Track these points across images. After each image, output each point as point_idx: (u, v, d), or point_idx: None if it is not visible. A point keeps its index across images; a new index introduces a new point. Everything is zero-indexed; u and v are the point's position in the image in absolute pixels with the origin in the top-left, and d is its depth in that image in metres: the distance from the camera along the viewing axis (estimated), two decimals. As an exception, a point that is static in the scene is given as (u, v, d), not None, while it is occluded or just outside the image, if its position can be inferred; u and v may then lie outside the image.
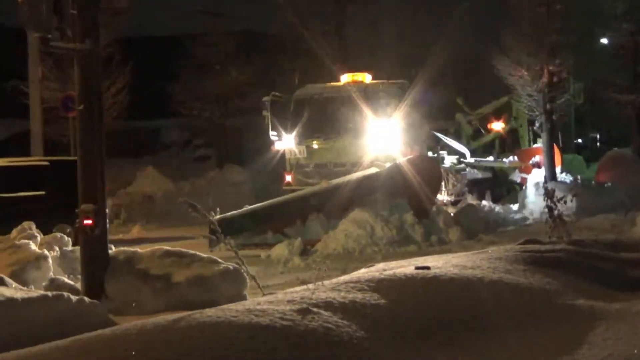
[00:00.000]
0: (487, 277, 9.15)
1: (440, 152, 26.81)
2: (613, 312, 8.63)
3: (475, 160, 28.70)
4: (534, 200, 24.34)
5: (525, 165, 30.02)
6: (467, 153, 28.71)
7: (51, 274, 13.21)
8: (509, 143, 32.45)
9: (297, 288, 9.19)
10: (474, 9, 40.45)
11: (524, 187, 27.80)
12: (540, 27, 27.02)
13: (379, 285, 8.35)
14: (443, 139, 28.09)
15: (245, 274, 11.77)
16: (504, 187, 30.17)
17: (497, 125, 30.87)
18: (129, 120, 32.32)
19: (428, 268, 9.27)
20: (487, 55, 29.01)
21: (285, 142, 23.10)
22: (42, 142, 27.83)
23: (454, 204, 25.38)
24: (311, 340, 6.64)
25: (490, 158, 29.93)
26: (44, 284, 12.38)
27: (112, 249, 12.83)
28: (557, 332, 8.07)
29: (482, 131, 31.72)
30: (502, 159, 30.39)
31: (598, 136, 66.94)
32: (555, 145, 29.34)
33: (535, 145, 31.10)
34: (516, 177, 29.94)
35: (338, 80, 24.46)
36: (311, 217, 19.65)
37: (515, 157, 30.31)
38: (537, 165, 29.74)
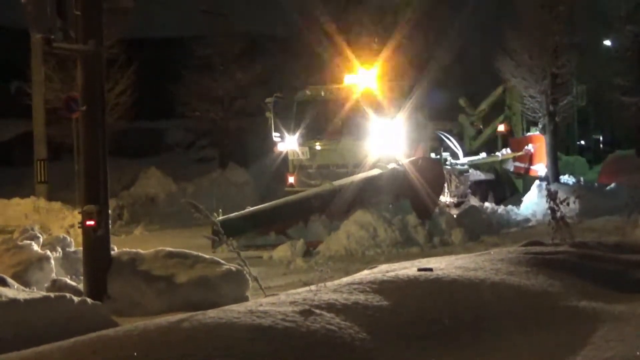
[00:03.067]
0: (490, 278, 9.15)
1: (443, 153, 26.75)
2: (616, 314, 8.62)
3: (469, 160, 28.58)
4: (536, 201, 24.32)
5: (519, 154, 29.85)
6: (461, 154, 28.65)
7: (53, 275, 13.23)
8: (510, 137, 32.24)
9: (300, 289, 9.20)
10: (477, 10, 40.43)
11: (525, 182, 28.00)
12: (543, 29, 27.01)
13: (382, 286, 8.35)
14: (444, 139, 28.06)
15: (247, 275, 11.80)
16: (507, 189, 30.08)
17: (500, 127, 30.73)
18: (132, 121, 32.33)
19: (431, 269, 9.27)
20: (490, 56, 28.99)
21: (287, 143, 23.09)
22: (45, 143, 27.91)
23: (456, 205, 25.33)
24: (313, 341, 6.64)
25: (484, 154, 29.71)
26: (46, 285, 12.39)
27: (115, 250, 12.83)
28: (560, 334, 8.07)
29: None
30: (496, 152, 30.15)
31: (601, 138, 66.94)
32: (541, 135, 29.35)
33: (528, 134, 30.89)
34: (509, 166, 29.83)
35: (341, 82, 24.45)
36: (313, 218, 19.63)
37: (508, 150, 30.09)
38: (529, 158, 29.63)
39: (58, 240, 15.22)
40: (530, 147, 29.69)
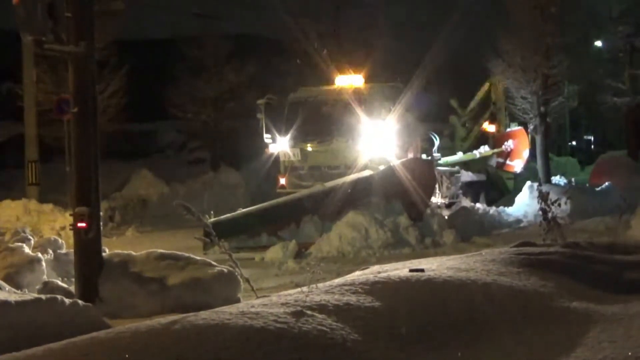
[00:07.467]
0: (481, 279, 9.15)
1: (435, 154, 26.74)
2: (608, 315, 8.63)
3: (444, 160, 28.38)
4: (528, 202, 24.35)
5: (497, 150, 29.78)
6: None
7: (45, 277, 13.20)
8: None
9: (291, 291, 9.19)
10: (469, 11, 40.49)
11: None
12: (535, 30, 27.07)
13: (373, 287, 8.34)
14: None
15: (239, 277, 11.78)
16: (498, 190, 30.08)
17: (491, 128, 30.67)
18: (124, 122, 32.31)
19: (422, 270, 9.27)
20: (482, 57, 29.02)
21: (279, 144, 23.07)
22: (37, 144, 27.85)
23: (448, 206, 25.34)
24: (305, 343, 6.64)
25: (460, 154, 29.44)
26: (37, 287, 12.36)
27: (106, 252, 12.81)
28: (551, 335, 8.07)
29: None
30: (474, 150, 29.91)
31: (592, 139, 67.14)
32: (523, 129, 29.38)
33: (508, 130, 30.80)
34: (492, 162, 29.77)
35: (332, 83, 24.46)
36: (305, 219, 19.64)
37: (487, 147, 29.88)
38: (507, 154, 29.64)
39: (49, 242, 15.20)
40: (510, 143, 29.65)
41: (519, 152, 29.36)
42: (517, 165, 29.58)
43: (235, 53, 39.07)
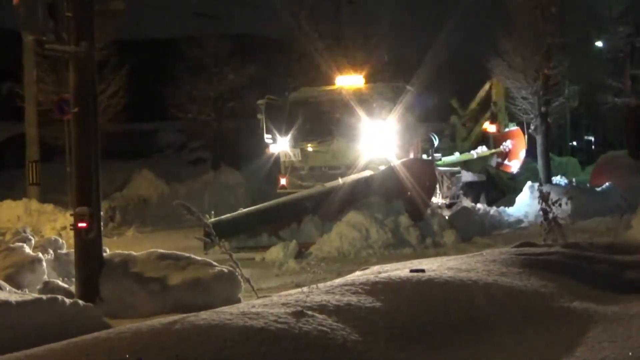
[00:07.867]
0: (482, 279, 9.14)
1: (436, 154, 26.69)
2: (608, 315, 8.63)
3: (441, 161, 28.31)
4: (529, 202, 24.33)
5: (496, 150, 29.77)
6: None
7: (45, 277, 13.20)
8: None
9: (292, 291, 9.20)
10: (470, 11, 40.48)
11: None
12: (535, 30, 27.06)
13: (374, 288, 8.34)
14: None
15: (239, 277, 11.76)
16: (499, 190, 30.04)
17: (491, 128, 30.63)
18: (124, 122, 32.28)
19: (423, 271, 9.27)
20: (482, 57, 29.00)
21: (280, 145, 23.05)
22: (37, 144, 27.86)
23: (448, 206, 25.28)
24: (305, 343, 6.64)
25: (457, 154, 29.37)
26: (38, 287, 12.36)
27: (107, 252, 12.80)
28: (552, 335, 8.07)
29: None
30: (471, 151, 29.83)
31: (593, 139, 67.12)
32: (520, 129, 29.42)
33: (506, 130, 30.76)
34: (492, 162, 29.77)
35: (333, 83, 24.44)
36: (306, 219, 19.62)
37: (484, 147, 29.83)
38: (505, 155, 29.69)
39: (50, 242, 15.20)
40: (508, 143, 29.68)
41: (516, 153, 29.38)
42: (514, 165, 29.62)
43: (235, 53, 39.05)
